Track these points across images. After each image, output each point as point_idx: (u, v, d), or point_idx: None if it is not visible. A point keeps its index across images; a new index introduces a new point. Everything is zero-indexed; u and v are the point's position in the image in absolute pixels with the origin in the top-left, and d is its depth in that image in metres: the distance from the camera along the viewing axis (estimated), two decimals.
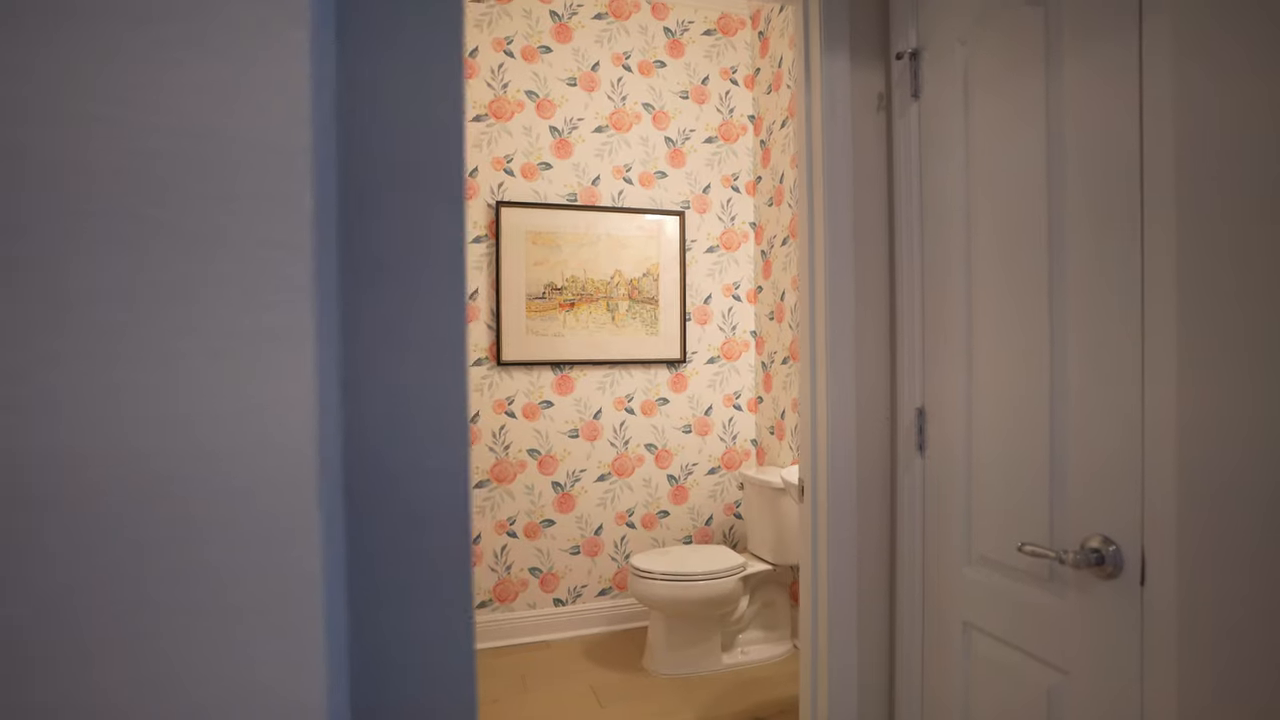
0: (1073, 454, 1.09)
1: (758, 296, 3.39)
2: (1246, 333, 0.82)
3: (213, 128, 0.32)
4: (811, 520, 1.54)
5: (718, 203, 3.36)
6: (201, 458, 0.32)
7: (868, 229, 1.51)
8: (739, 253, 3.40)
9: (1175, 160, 0.91)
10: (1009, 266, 1.20)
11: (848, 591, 1.50)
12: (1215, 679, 0.86)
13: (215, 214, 0.32)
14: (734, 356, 3.38)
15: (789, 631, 2.98)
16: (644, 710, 2.50)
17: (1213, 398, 0.86)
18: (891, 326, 1.53)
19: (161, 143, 0.31)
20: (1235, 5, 0.83)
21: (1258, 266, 0.81)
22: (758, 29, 3.35)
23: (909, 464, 1.46)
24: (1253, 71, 0.81)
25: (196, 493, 0.32)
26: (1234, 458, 0.84)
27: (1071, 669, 1.09)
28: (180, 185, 0.32)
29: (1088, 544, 1.04)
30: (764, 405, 3.33)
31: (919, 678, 1.45)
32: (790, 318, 3.08)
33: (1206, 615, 0.87)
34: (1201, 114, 0.87)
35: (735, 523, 3.39)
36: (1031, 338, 1.16)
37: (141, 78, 0.31)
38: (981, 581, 1.28)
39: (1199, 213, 0.88)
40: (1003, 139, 1.21)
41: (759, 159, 3.36)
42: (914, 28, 1.43)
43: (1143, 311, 0.96)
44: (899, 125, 1.47)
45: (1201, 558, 0.88)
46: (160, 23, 0.31)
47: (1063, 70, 1.09)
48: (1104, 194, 1.02)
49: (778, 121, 3.17)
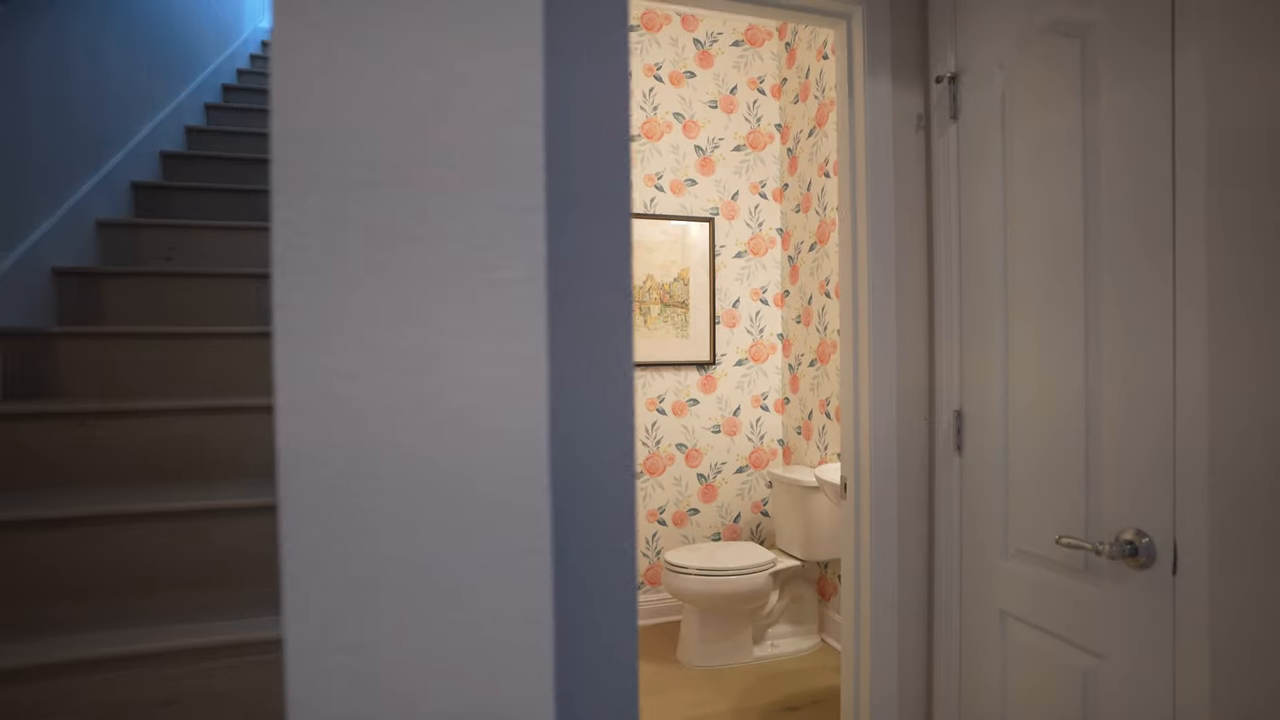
0: (1106, 451, 1.18)
1: (784, 300, 3.47)
2: (1277, 332, 0.91)
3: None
4: (854, 516, 1.64)
5: (745, 209, 3.45)
6: (458, 446, 0.42)
7: (907, 242, 1.61)
8: (766, 258, 3.49)
9: (1206, 183, 1.00)
10: (1045, 276, 1.29)
11: (889, 581, 1.59)
12: (1247, 664, 0.95)
13: (461, 220, 0.42)
14: (761, 359, 3.48)
15: (816, 625, 3.07)
16: (680, 700, 2.60)
17: (1245, 395, 0.95)
18: (930, 334, 1.62)
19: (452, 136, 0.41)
20: (1263, 38, 0.92)
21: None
22: (784, 40, 3.44)
23: (947, 463, 1.55)
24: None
25: (454, 477, 0.42)
26: (1265, 453, 0.93)
27: (1106, 653, 1.18)
28: (445, 194, 0.42)
29: (1121, 536, 1.13)
30: (790, 406, 3.42)
31: (957, 661, 1.54)
32: (817, 321, 3.16)
33: (1238, 604, 0.96)
34: (1232, 142, 0.96)
35: (762, 520, 3.48)
36: (1066, 343, 1.25)
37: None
38: (1018, 572, 1.37)
39: (1231, 226, 0.97)
40: (1039, 158, 1.30)
41: (785, 166, 3.45)
42: (953, 53, 1.52)
43: (1174, 313, 1.05)
44: (938, 145, 1.56)
45: (1233, 549, 0.97)
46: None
47: (1099, 97, 1.18)
48: (1138, 210, 1.11)
49: (805, 130, 3.26)
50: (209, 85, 3.13)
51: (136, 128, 2.46)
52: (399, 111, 0.39)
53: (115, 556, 1.29)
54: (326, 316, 0.39)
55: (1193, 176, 1.02)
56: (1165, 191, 1.06)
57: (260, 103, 3.25)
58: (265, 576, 1.38)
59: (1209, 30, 0.99)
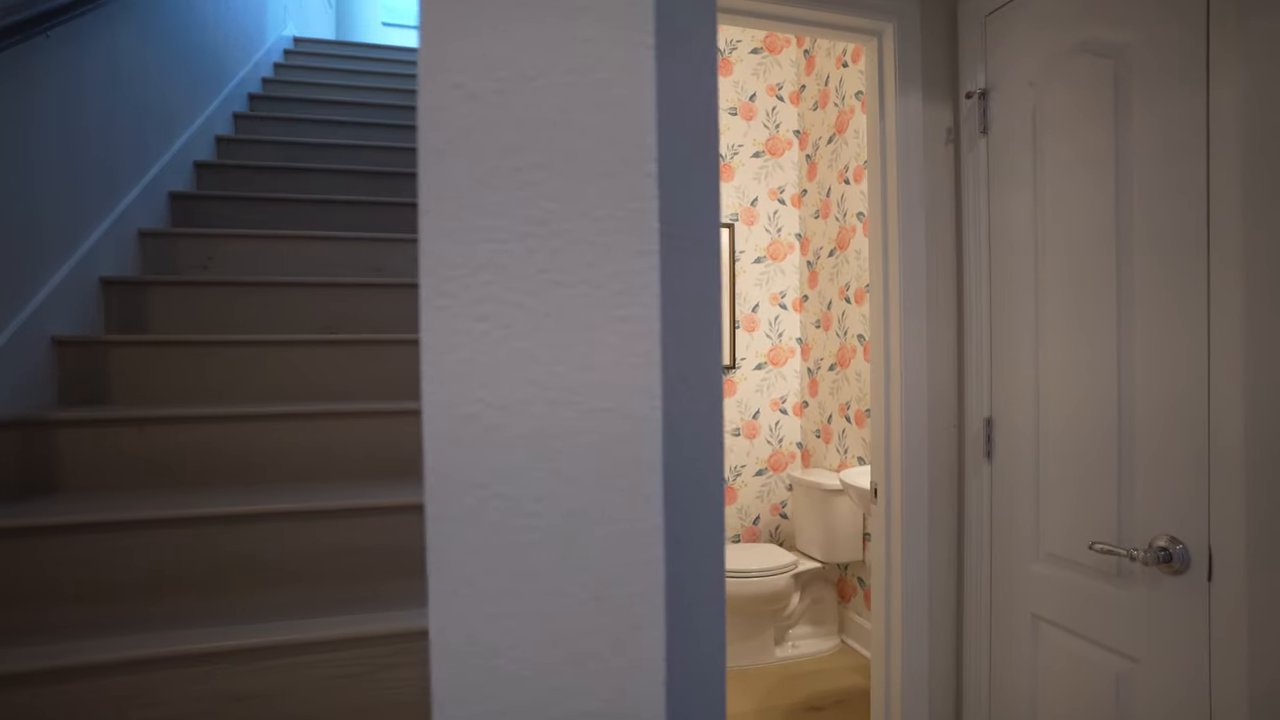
0: (1139, 458, 1.21)
1: (803, 305, 3.51)
2: None
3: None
4: (885, 519, 1.68)
5: (764, 215, 3.49)
6: (599, 470, 0.47)
7: (937, 252, 1.65)
8: (785, 263, 3.53)
9: (1242, 196, 1.03)
10: (1077, 285, 1.33)
11: (919, 585, 1.63)
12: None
13: (591, 210, 0.47)
14: (780, 363, 3.51)
15: (836, 627, 3.11)
16: None
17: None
18: (959, 344, 1.66)
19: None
20: None
21: None
22: (803, 48, 3.47)
23: (977, 469, 1.59)
24: None
25: (595, 498, 0.47)
26: None
27: (1140, 657, 1.21)
28: (572, 179, 0.46)
29: (1155, 543, 1.17)
30: (809, 409, 3.46)
31: (986, 663, 1.57)
32: (837, 326, 3.20)
33: (1276, 609, 1.00)
34: (1269, 157, 1.00)
35: (781, 522, 3.52)
36: (1099, 352, 1.28)
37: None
38: (1050, 577, 1.41)
39: (1267, 236, 1.00)
40: (1071, 173, 1.34)
41: (804, 172, 3.49)
42: (983, 70, 1.56)
43: (1209, 323, 1.09)
44: (967, 158, 1.60)
45: (1270, 555, 1.00)
46: None
47: (1131, 114, 1.22)
48: (1171, 222, 1.15)
49: (824, 137, 3.30)
50: (236, 95, 3.19)
51: (174, 138, 2.51)
52: (555, 172, 0.43)
53: (246, 555, 1.37)
54: (479, 357, 0.43)
55: (1228, 191, 1.05)
56: (1199, 205, 1.10)
57: (286, 111, 3.31)
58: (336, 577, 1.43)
59: (1249, 50, 1.03)
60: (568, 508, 0.45)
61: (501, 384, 0.43)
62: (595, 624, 0.45)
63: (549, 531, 0.44)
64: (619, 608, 0.45)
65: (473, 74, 0.43)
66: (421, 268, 0.42)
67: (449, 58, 0.42)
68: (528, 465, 0.44)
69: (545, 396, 0.44)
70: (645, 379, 0.46)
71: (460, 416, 0.42)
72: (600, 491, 0.45)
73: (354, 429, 1.65)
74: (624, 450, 0.46)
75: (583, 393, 0.45)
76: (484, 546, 0.43)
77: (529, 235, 0.44)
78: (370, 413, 1.66)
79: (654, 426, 0.46)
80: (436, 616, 0.43)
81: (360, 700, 1.26)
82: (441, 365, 0.42)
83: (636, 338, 0.45)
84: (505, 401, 0.43)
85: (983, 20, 1.55)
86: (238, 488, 1.59)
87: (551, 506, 0.44)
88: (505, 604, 0.44)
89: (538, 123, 0.43)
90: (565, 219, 0.44)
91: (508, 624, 0.44)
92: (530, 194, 0.43)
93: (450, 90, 0.42)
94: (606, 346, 0.45)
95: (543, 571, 0.44)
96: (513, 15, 0.43)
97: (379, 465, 1.68)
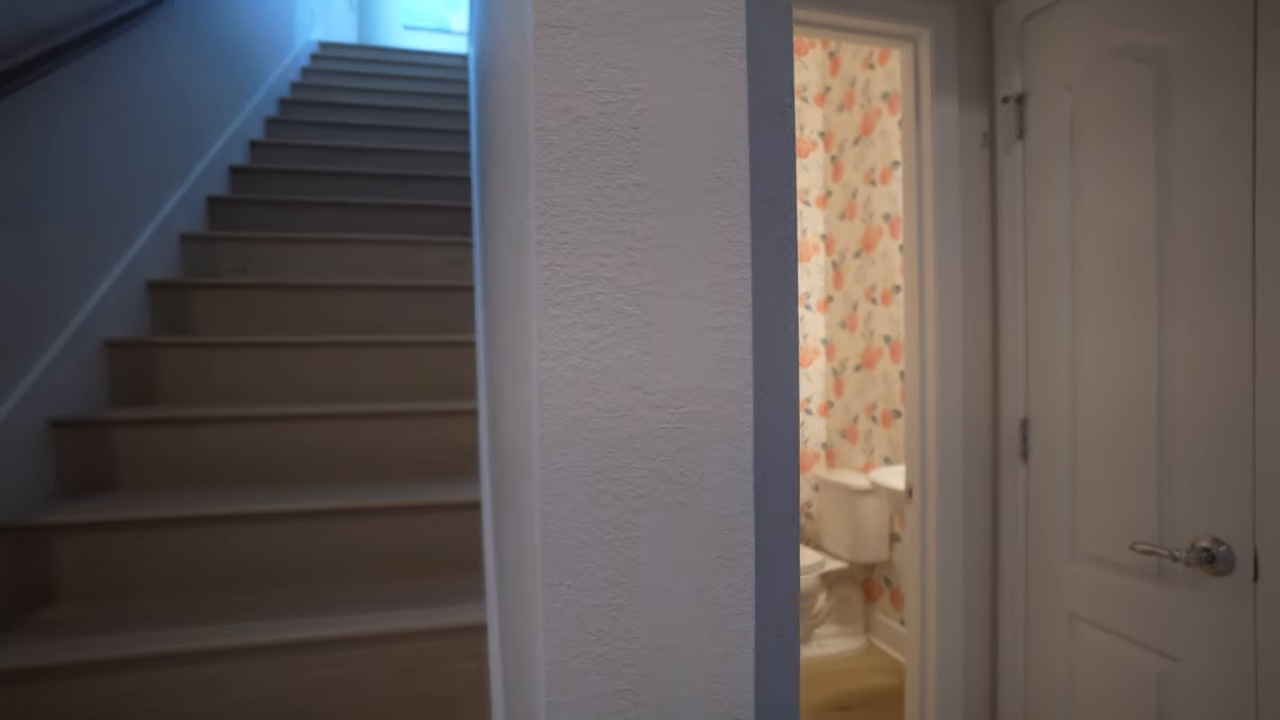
0: (1180, 459, 1.22)
1: (828, 306, 3.52)
2: None
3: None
4: (920, 519, 1.69)
5: None
6: (695, 471, 0.49)
7: (972, 255, 1.66)
8: (810, 264, 3.54)
9: None
10: (1115, 288, 1.34)
11: (954, 584, 1.64)
12: None
13: (684, 210, 0.49)
14: (805, 363, 3.53)
15: (863, 626, 3.12)
16: None
17: None
18: (994, 346, 1.67)
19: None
20: None
21: None
22: (829, 49, 3.48)
23: (1012, 470, 1.60)
24: None
25: (693, 495, 0.49)
26: None
27: (1182, 657, 1.22)
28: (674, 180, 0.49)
29: (1198, 544, 1.17)
30: (834, 410, 3.47)
31: (1022, 662, 1.59)
32: (863, 327, 3.21)
33: None
34: None
35: (807, 522, 3.53)
36: (1138, 354, 1.29)
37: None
38: (1087, 576, 1.42)
39: None
40: (1110, 176, 1.35)
41: (829, 174, 3.50)
42: (1019, 74, 1.57)
43: (1254, 323, 1.10)
44: (1004, 162, 1.61)
45: None
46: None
47: (1173, 120, 1.23)
48: (1213, 224, 1.16)
49: (850, 139, 3.31)
50: (268, 99, 3.25)
51: (212, 143, 2.57)
52: (658, 190, 0.46)
53: (335, 548, 1.45)
54: (589, 363, 0.46)
55: (1276, 193, 1.06)
56: (1245, 206, 1.11)
57: (316, 115, 3.36)
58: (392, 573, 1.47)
59: None
60: (668, 504, 0.47)
61: (609, 389, 0.46)
62: (693, 616, 0.48)
63: (651, 528, 0.47)
64: (715, 600, 0.48)
65: (580, 98, 0.45)
66: (535, 279, 0.45)
67: (559, 83, 0.45)
68: (632, 465, 0.46)
69: (649, 401, 0.46)
70: (738, 384, 0.49)
71: (571, 419, 0.45)
72: (697, 490, 0.48)
73: (403, 430, 1.69)
74: (719, 451, 0.48)
75: (681, 397, 0.47)
76: (591, 541, 0.46)
77: (633, 249, 0.46)
78: (416, 413, 1.70)
79: (746, 429, 0.49)
80: (546, 606, 0.46)
81: (411, 693, 1.29)
82: (554, 371, 0.45)
83: (732, 345, 0.48)
84: (612, 405, 0.46)
85: (1019, 24, 1.56)
86: (282, 485, 1.63)
87: (653, 504, 0.47)
88: (611, 595, 0.46)
89: (641, 143, 0.46)
90: (667, 234, 0.47)
91: (613, 614, 0.46)
92: (635, 210, 0.46)
93: (560, 113, 0.45)
94: (704, 354, 0.48)
95: (645, 565, 0.47)
96: (617, 41, 0.46)
97: (425, 465, 1.72)
